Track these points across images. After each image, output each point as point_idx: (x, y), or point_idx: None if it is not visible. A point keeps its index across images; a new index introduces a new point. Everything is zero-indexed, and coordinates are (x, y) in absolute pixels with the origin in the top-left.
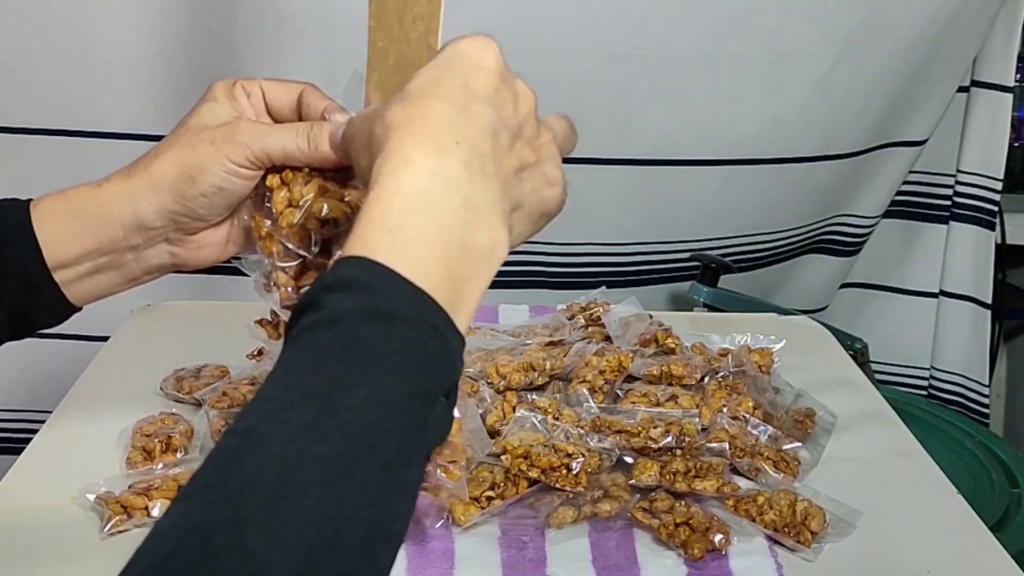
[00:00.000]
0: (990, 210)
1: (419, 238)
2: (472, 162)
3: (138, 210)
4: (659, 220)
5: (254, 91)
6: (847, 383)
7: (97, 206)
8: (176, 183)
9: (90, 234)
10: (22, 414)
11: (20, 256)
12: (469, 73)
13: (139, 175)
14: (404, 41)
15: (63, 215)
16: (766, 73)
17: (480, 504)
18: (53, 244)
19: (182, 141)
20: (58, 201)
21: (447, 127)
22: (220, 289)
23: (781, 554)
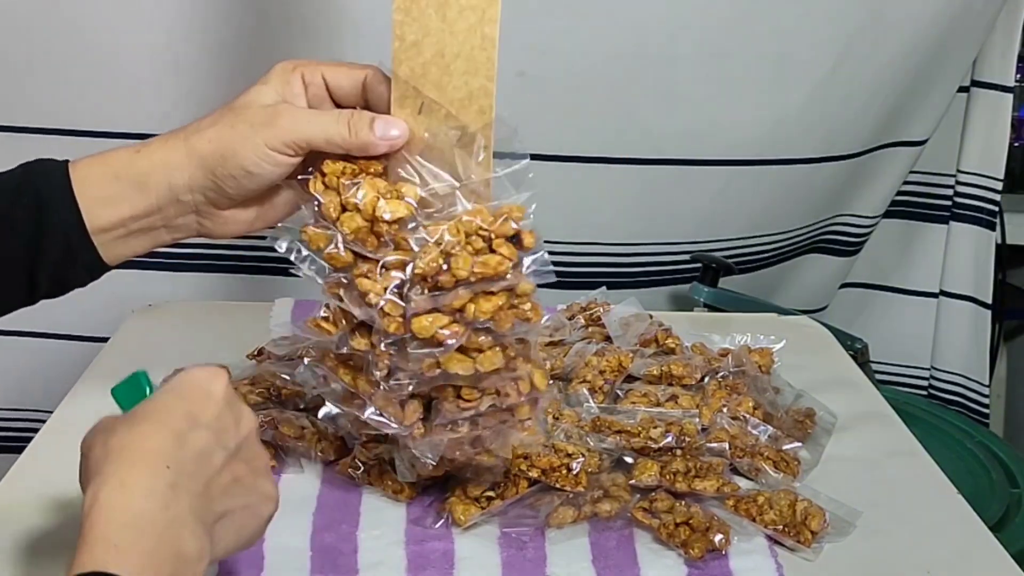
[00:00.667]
0: (990, 210)
1: (139, 550)
2: (179, 483)
3: (172, 181)
4: (660, 220)
5: (315, 79)
6: (847, 383)
7: (135, 173)
8: (209, 160)
9: (128, 200)
10: (23, 414)
11: (61, 219)
12: (196, 400)
13: (176, 146)
14: (447, 32)
15: (103, 180)
16: (767, 74)
17: (480, 504)
18: (93, 209)
19: (225, 119)
20: (97, 165)
21: (161, 453)
22: (220, 289)
23: (781, 554)
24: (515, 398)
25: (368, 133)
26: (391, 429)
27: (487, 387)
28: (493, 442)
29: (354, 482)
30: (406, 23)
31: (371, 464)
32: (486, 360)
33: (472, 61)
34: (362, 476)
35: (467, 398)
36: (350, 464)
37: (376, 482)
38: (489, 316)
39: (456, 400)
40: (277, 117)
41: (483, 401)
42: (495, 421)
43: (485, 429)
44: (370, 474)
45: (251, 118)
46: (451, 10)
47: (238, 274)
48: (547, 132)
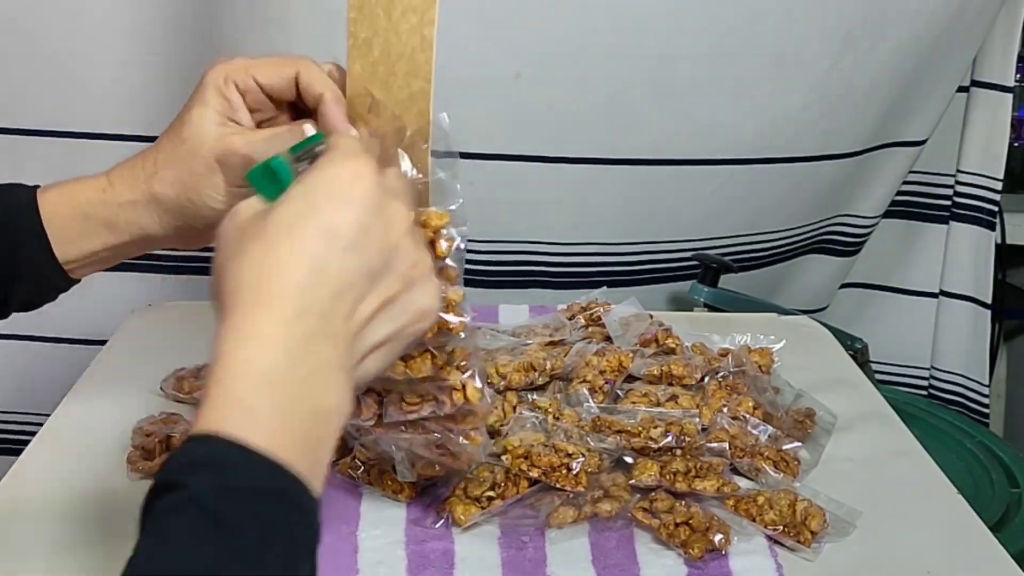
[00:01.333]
0: (990, 210)
1: (269, 410)
2: (315, 332)
3: (143, 224)
4: (659, 220)
5: (248, 86)
6: (847, 383)
7: (105, 214)
8: (177, 203)
9: (99, 237)
10: (21, 416)
11: (33, 253)
12: (334, 211)
13: (140, 190)
14: (392, 32)
15: (72, 219)
16: (766, 73)
17: (480, 504)
18: (64, 244)
19: (179, 157)
20: (65, 204)
21: (295, 295)
22: None
23: (781, 554)
24: (450, 407)
25: None
26: (350, 422)
27: (425, 394)
28: (457, 445)
29: (354, 482)
30: (359, 20)
31: (371, 464)
32: (415, 366)
33: (413, 62)
34: (362, 476)
35: (409, 402)
36: (350, 464)
37: (376, 482)
38: None
39: (400, 403)
40: (229, 155)
41: (423, 407)
42: (440, 427)
43: (432, 433)
44: (370, 474)
45: (205, 159)
46: (396, 10)
47: None
48: (547, 132)
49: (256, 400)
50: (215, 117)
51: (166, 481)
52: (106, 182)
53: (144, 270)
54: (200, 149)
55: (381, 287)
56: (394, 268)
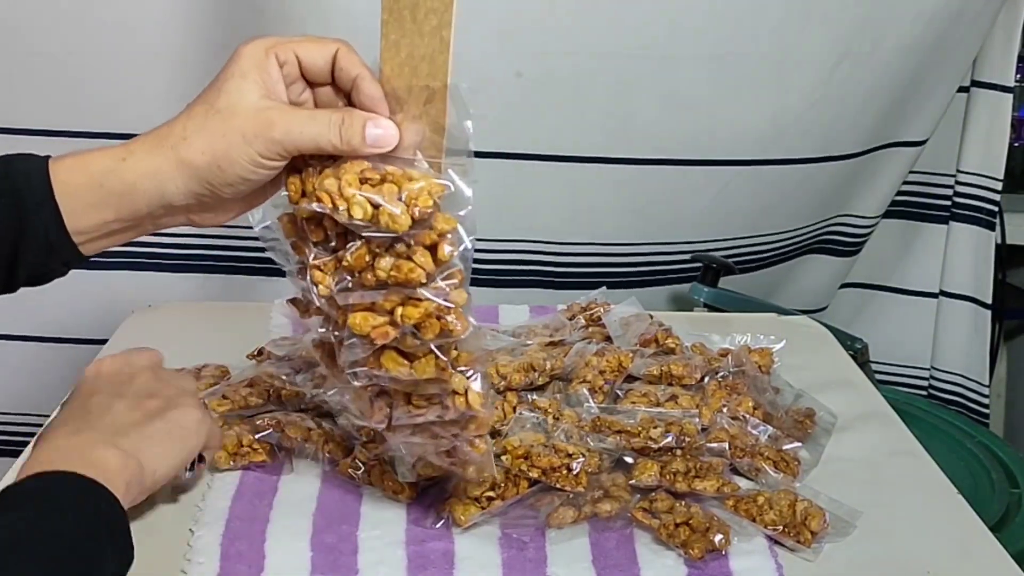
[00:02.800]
0: (990, 210)
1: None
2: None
3: (164, 191)
4: (660, 220)
5: (288, 59)
6: (847, 383)
7: (121, 183)
8: (205, 171)
9: (112, 208)
10: (22, 418)
11: (42, 221)
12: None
13: (166, 155)
14: (417, 34)
15: (85, 187)
16: (766, 73)
17: (480, 504)
18: (74, 213)
19: (211, 127)
20: (79, 172)
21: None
22: (220, 289)
23: (781, 554)
24: (452, 413)
25: (358, 141)
26: (361, 421)
27: (432, 397)
28: (465, 454)
29: (354, 482)
30: (390, 22)
31: (371, 464)
32: (419, 368)
33: (433, 64)
34: (362, 476)
35: (416, 405)
36: (350, 464)
37: (376, 482)
38: (414, 322)
39: (407, 406)
40: (270, 128)
41: (429, 411)
42: (447, 433)
43: (439, 439)
44: (370, 474)
45: (242, 127)
46: (420, 11)
47: (238, 274)
48: (547, 132)
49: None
50: (254, 88)
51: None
52: (125, 151)
53: (144, 269)
54: (234, 119)
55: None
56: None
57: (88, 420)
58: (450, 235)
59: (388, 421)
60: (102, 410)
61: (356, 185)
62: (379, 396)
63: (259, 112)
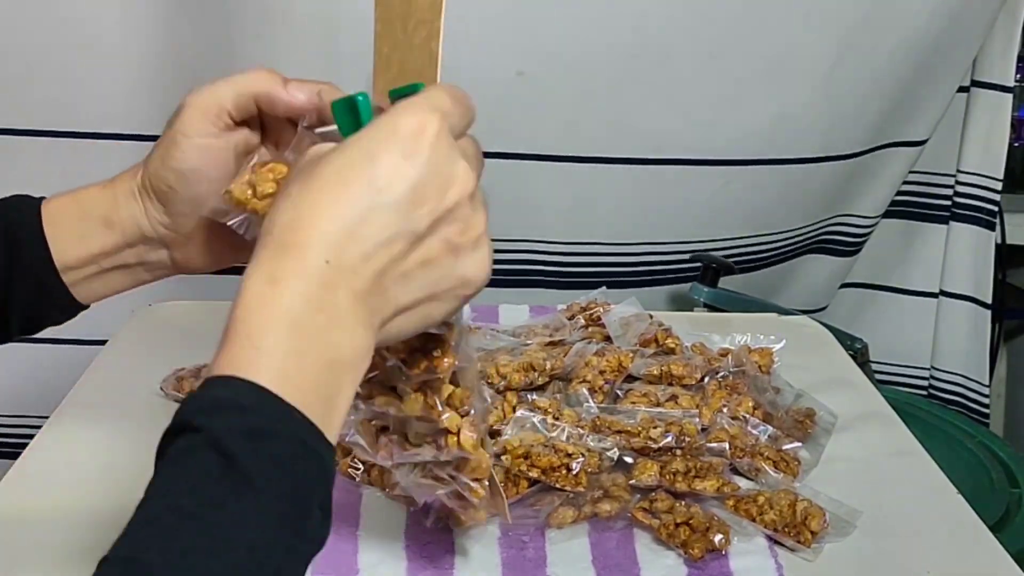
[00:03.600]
0: (990, 210)
1: (285, 355)
2: (339, 284)
3: (134, 214)
4: (659, 220)
5: None
6: (847, 383)
7: (102, 210)
8: (153, 176)
9: (95, 237)
10: (21, 419)
11: (32, 257)
12: (389, 163)
13: (138, 176)
14: (407, 47)
15: (72, 218)
16: (766, 73)
17: None
18: (60, 246)
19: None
20: (67, 203)
21: (323, 244)
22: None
23: (781, 554)
24: (446, 454)
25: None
26: (367, 457)
27: (427, 436)
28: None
29: (354, 482)
30: (383, 35)
31: (371, 464)
32: (408, 404)
33: (422, 78)
34: (362, 476)
35: (412, 443)
36: (350, 464)
37: (376, 482)
38: (400, 356)
39: (404, 444)
40: (183, 106)
41: (425, 450)
42: (445, 474)
43: (441, 481)
44: (370, 474)
45: (170, 120)
46: (410, 23)
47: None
48: (547, 132)
49: (273, 344)
50: None
51: (181, 423)
52: (109, 181)
53: None
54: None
55: (422, 249)
56: (441, 231)
57: (354, 262)
58: None
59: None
60: (380, 249)
61: None
62: (383, 431)
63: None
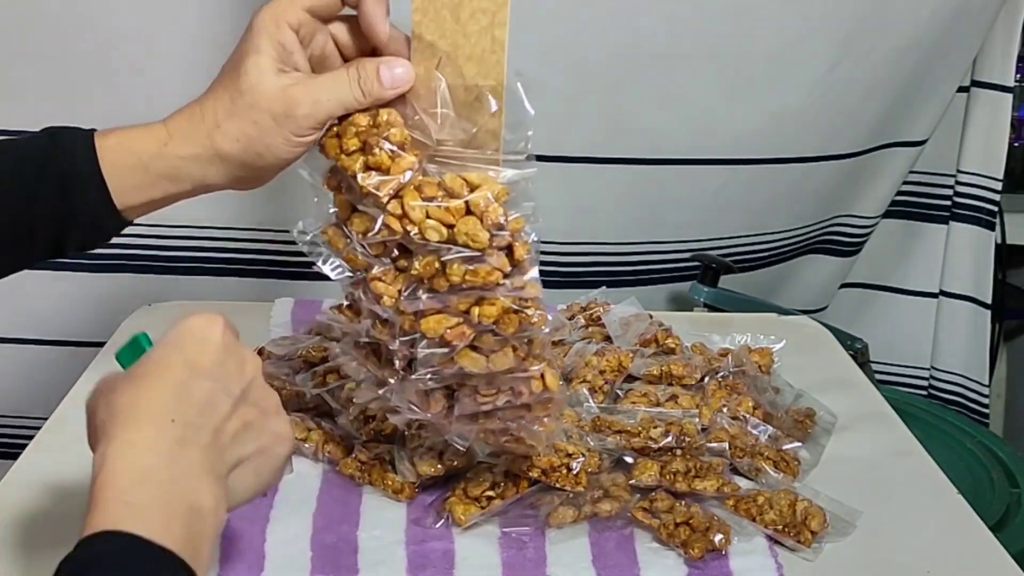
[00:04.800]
0: (990, 210)
1: (150, 506)
2: (186, 437)
3: (206, 176)
4: (659, 220)
5: (302, 19)
6: (847, 383)
7: (165, 166)
8: (243, 157)
9: (159, 188)
10: (21, 420)
11: (91, 202)
12: (193, 349)
13: (203, 144)
14: (460, 35)
15: (132, 169)
16: (766, 73)
17: (480, 504)
18: (123, 193)
19: (240, 112)
20: (125, 153)
21: (164, 408)
22: (220, 289)
23: (781, 554)
24: (528, 397)
25: (378, 88)
26: (418, 416)
27: (501, 385)
28: (522, 431)
29: (354, 482)
30: (423, 23)
31: (371, 464)
32: (497, 360)
33: (483, 64)
34: (362, 476)
35: (484, 394)
36: (350, 464)
37: (376, 482)
38: (493, 320)
39: (474, 395)
40: (296, 107)
41: (499, 397)
42: (512, 416)
43: (506, 422)
44: (370, 474)
45: (271, 110)
46: (464, 12)
47: (238, 276)
48: (547, 132)
49: (138, 497)
50: (271, 65)
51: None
52: (166, 134)
53: (144, 271)
54: (260, 102)
55: (241, 411)
56: (249, 398)
57: (192, 419)
58: (522, 233)
59: (447, 411)
60: (208, 408)
61: (420, 207)
62: (435, 388)
63: (282, 92)
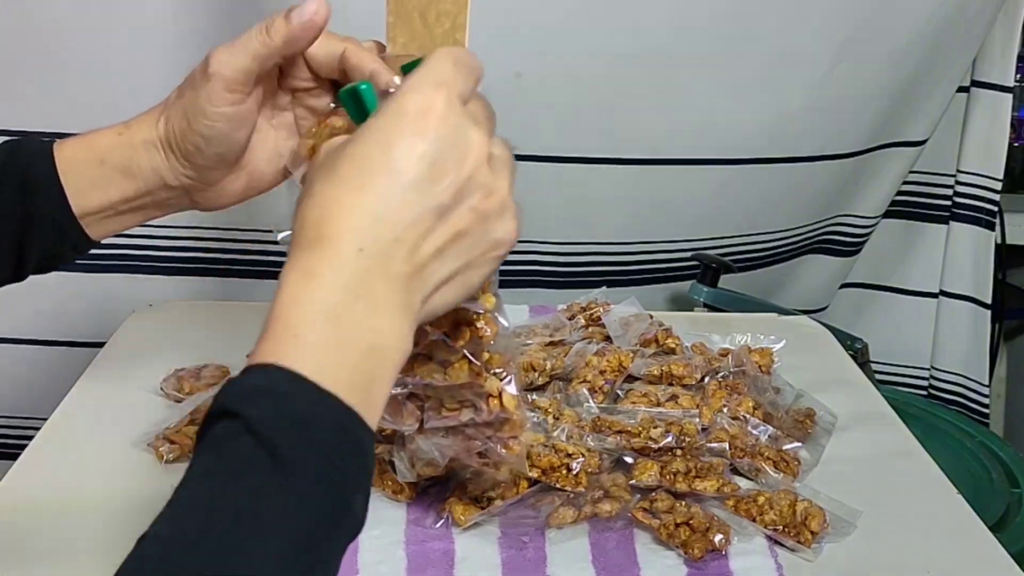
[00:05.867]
0: (990, 210)
1: (325, 344)
2: (373, 271)
3: (158, 167)
4: (659, 220)
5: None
6: (847, 383)
7: (120, 158)
8: (182, 133)
9: (115, 185)
10: (22, 420)
11: (48, 204)
12: (402, 147)
13: (155, 128)
14: (428, 37)
15: (88, 165)
16: (766, 73)
17: (480, 504)
18: (79, 193)
19: (185, 94)
20: (83, 150)
21: (354, 235)
22: (220, 290)
23: (781, 554)
24: (486, 415)
25: (285, 27)
26: (390, 426)
27: (464, 400)
28: (499, 456)
29: None
30: (397, 26)
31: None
32: (453, 373)
33: None
34: None
35: (449, 408)
36: None
37: (376, 482)
38: (444, 330)
39: (440, 408)
40: (207, 67)
41: (463, 413)
42: (480, 435)
43: (472, 440)
44: None
45: (192, 80)
46: (430, 14)
47: (237, 277)
48: (547, 132)
49: (312, 334)
50: None
51: (222, 409)
52: (123, 126)
53: (144, 271)
54: (195, 78)
55: (450, 222)
56: (465, 201)
57: (385, 247)
58: None
59: (419, 424)
60: (409, 229)
61: None
62: (409, 399)
63: (207, 58)
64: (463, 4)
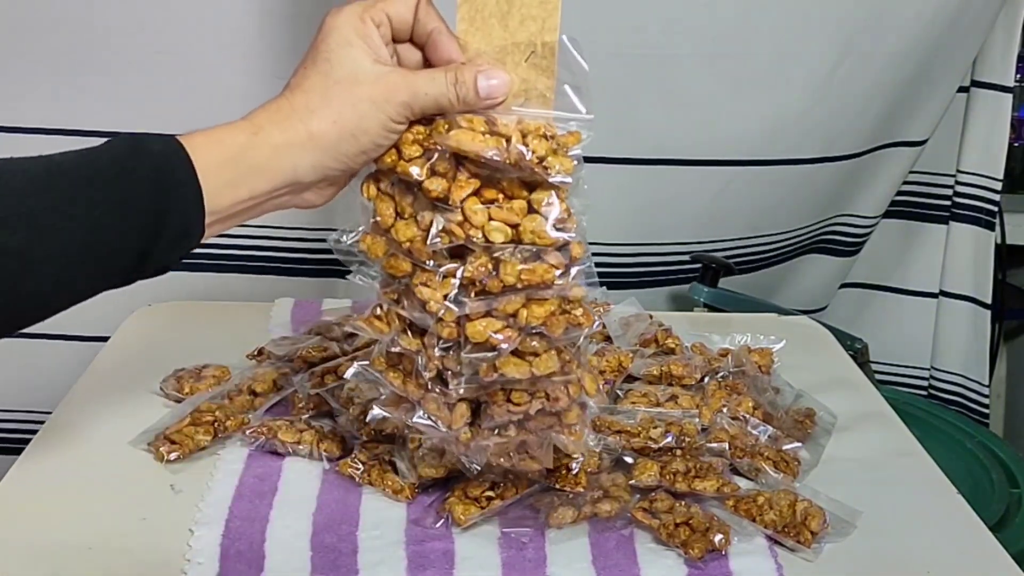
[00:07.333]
0: (990, 210)
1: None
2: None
3: (297, 166)
4: (660, 220)
5: (381, 20)
6: (847, 383)
7: (255, 158)
8: (338, 142)
9: (247, 186)
10: (21, 415)
11: (183, 204)
12: None
13: (296, 130)
14: (510, 42)
15: (223, 165)
16: (766, 74)
17: (480, 504)
18: (214, 194)
19: (337, 97)
20: (215, 148)
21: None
22: (220, 289)
23: (781, 554)
24: (565, 402)
25: (473, 96)
26: (439, 433)
27: (538, 390)
28: (537, 448)
29: (354, 482)
30: (470, 32)
31: (371, 464)
32: (541, 364)
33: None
34: (362, 476)
35: (517, 401)
36: (350, 464)
37: (376, 482)
38: (541, 321)
39: (506, 403)
40: (397, 92)
41: (533, 404)
42: (542, 425)
43: (531, 433)
44: (370, 474)
45: (370, 95)
46: (513, 20)
47: (238, 274)
48: None
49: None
50: (365, 55)
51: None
52: (253, 126)
53: None
54: (359, 88)
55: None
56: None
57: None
58: (577, 228)
59: (467, 426)
60: None
61: (482, 210)
62: (459, 402)
63: (381, 78)
64: (554, 7)
